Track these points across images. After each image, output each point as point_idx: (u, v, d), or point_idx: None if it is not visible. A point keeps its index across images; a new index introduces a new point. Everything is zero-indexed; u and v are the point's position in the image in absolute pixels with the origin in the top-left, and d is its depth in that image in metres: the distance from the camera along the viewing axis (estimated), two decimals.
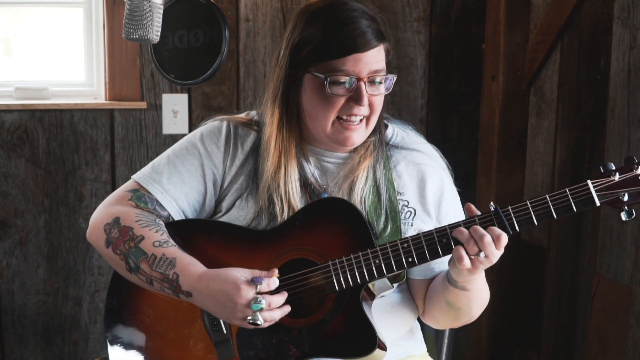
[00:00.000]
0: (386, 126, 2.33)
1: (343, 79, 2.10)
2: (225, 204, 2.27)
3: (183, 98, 3.73)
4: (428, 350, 2.48)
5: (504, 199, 3.94)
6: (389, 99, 2.29)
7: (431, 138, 4.03)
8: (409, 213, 2.25)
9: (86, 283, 3.77)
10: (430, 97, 4.00)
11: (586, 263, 3.52)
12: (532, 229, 3.88)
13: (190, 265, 2.08)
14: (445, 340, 2.58)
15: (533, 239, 3.87)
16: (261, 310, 1.98)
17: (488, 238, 1.96)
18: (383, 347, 2.08)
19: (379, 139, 2.26)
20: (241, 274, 2.02)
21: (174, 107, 3.73)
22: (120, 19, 3.63)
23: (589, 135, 3.49)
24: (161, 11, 1.90)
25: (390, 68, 2.20)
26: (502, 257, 2.02)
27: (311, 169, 2.25)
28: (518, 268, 3.96)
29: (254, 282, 1.99)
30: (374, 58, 2.12)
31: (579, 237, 3.56)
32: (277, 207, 2.18)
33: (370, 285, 2.14)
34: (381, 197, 2.22)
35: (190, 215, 2.28)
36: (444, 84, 4.01)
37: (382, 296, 2.24)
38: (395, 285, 2.21)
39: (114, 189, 3.66)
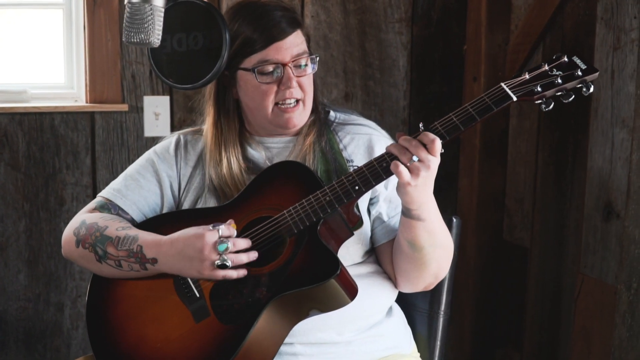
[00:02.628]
0: (328, 112, 2.48)
1: (270, 67, 2.30)
2: (186, 204, 2.40)
3: (165, 100, 3.71)
4: (419, 351, 2.50)
5: (486, 200, 3.96)
6: (318, 84, 2.46)
7: None
8: None
9: (68, 288, 3.74)
10: (412, 99, 4.00)
11: (570, 263, 3.53)
12: (514, 227, 3.89)
13: (151, 235, 2.25)
14: (438, 343, 2.59)
15: (515, 239, 3.89)
16: (227, 250, 2.10)
17: (415, 141, 2.06)
18: (351, 287, 2.15)
19: (318, 118, 2.43)
20: (201, 226, 2.15)
21: (156, 110, 3.71)
22: (100, 20, 3.61)
23: (571, 136, 3.50)
24: (162, 14, 1.89)
25: (312, 50, 2.41)
26: (484, 257, 2.03)
27: (262, 158, 2.40)
28: (500, 268, 3.97)
29: (214, 227, 2.12)
30: (293, 43, 2.31)
31: (562, 236, 3.58)
32: (228, 194, 2.33)
33: (332, 227, 2.21)
34: (330, 164, 2.35)
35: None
36: (425, 85, 4.02)
37: (354, 263, 2.32)
38: (355, 232, 2.25)
39: (95, 192, 3.65)
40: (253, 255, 2.15)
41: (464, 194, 4.05)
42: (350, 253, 2.31)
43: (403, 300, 2.45)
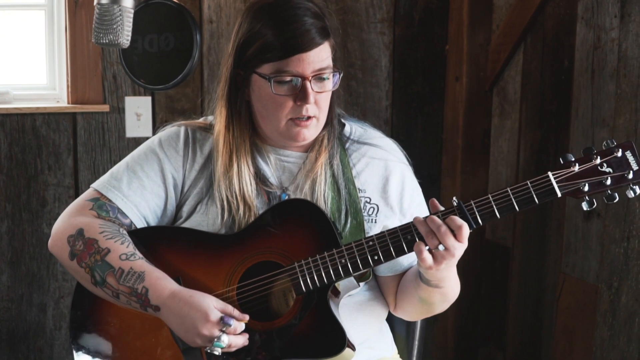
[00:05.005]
0: (343, 125, 2.32)
1: (287, 78, 2.11)
2: (186, 209, 2.25)
3: (146, 101, 3.70)
4: (399, 352, 2.47)
5: (468, 199, 3.95)
6: (341, 93, 2.30)
7: (396, 139, 3.97)
8: (372, 209, 2.24)
9: (50, 289, 3.73)
10: (394, 99, 4.01)
11: (551, 262, 3.54)
12: (496, 227, 3.89)
13: (160, 280, 2.07)
14: (416, 343, 2.58)
15: (497, 238, 3.89)
16: (221, 347, 2.00)
17: (444, 228, 1.95)
18: (352, 347, 2.08)
19: (332, 133, 2.25)
20: (213, 306, 2.02)
21: (137, 110, 3.70)
22: (82, 21, 3.60)
23: (553, 135, 3.51)
24: (131, 15, 1.88)
25: (337, 64, 2.19)
26: (466, 256, 2.01)
27: (270, 168, 2.25)
28: (483, 267, 3.98)
29: (223, 321, 2.00)
30: (318, 57, 2.11)
31: (544, 236, 3.58)
32: (233, 206, 2.18)
33: (339, 283, 2.14)
34: (341, 193, 2.21)
35: (152, 221, 2.26)
36: (408, 85, 4.02)
37: (350, 295, 2.23)
38: (361, 284, 2.20)
39: (77, 193, 3.64)
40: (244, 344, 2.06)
41: (446, 193, 4.05)
42: (348, 288, 2.22)
43: None
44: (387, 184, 2.26)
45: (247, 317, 2.04)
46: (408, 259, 2.25)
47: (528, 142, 3.67)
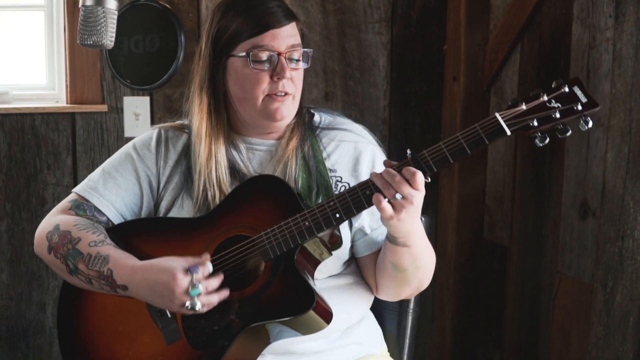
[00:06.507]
0: (312, 115, 2.42)
1: (264, 54, 2.23)
2: (164, 205, 2.34)
3: (145, 101, 3.71)
4: (389, 350, 2.49)
5: (466, 199, 3.96)
6: (304, 79, 2.37)
7: (394, 139, 4.05)
8: (343, 187, 2.30)
9: (50, 287, 3.76)
10: (392, 98, 4.01)
11: (548, 261, 3.54)
12: (494, 226, 3.90)
13: (122, 259, 2.16)
14: (407, 341, 2.59)
15: (495, 238, 3.90)
16: (199, 295, 2.05)
17: (398, 177, 2.01)
18: (326, 316, 2.13)
19: (302, 120, 2.36)
20: (176, 262, 2.09)
21: (136, 110, 3.72)
22: None
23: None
24: (115, 17, 1.91)
25: (306, 45, 2.33)
26: (464, 256, 2.02)
27: (242, 158, 2.33)
28: (480, 267, 3.98)
29: (189, 271, 2.06)
30: (289, 33, 2.26)
31: (541, 235, 3.59)
32: (210, 194, 2.26)
33: (310, 250, 2.19)
34: (311, 174, 2.29)
35: (129, 218, 2.36)
36: (405, 84, 4.03)
37: (331, 275, 2.30)
38: (334, 252, 2.22)
39: None
40: (224, 294, 2.10)
41: (444, 192, 4.06)
42: (327, 266, 2.28)
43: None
44: (358, 163, 2.34)
45: (207, 255, 2.12)
46: (383, 236, 2.29)
47: (525, 141, 3.67)
